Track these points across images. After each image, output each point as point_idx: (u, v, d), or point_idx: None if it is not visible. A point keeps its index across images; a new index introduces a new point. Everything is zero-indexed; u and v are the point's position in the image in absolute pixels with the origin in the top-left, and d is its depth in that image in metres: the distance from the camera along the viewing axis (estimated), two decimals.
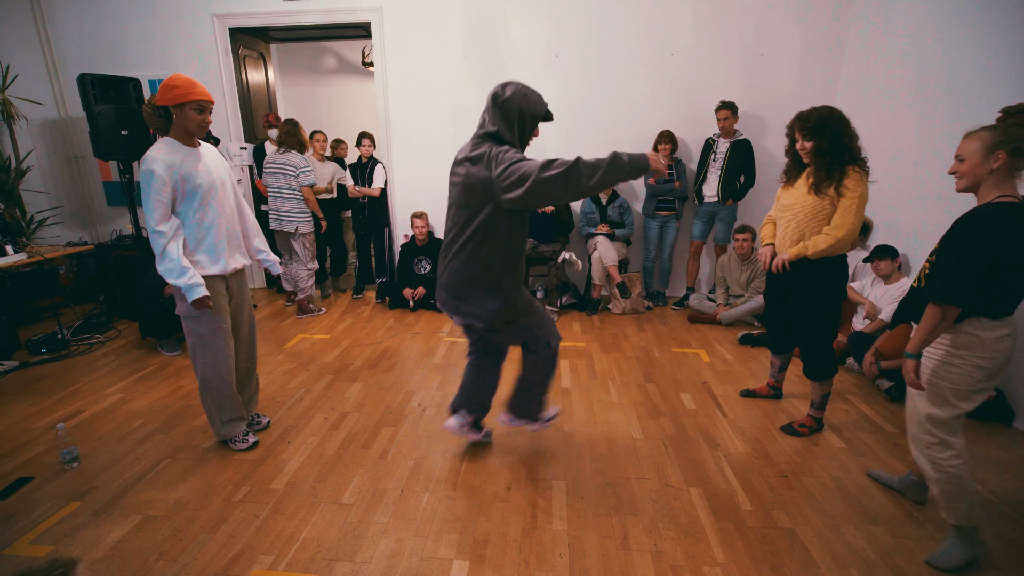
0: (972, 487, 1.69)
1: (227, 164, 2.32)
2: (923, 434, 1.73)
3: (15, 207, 4.47)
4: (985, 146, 1.54)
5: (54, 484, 2.18)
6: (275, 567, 1.74)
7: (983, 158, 1.55)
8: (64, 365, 3.38)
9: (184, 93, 1.99)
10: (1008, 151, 1.51)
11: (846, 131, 2.15)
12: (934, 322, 1.60)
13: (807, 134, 2.19)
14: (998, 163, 1.53)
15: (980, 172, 1.57)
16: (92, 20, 4.55)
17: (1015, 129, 1.53)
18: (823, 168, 2.20)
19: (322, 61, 7.59)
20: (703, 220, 4.30)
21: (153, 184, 1.97)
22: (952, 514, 1.72)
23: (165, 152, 2.01)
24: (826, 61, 4.16)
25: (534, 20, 4.34)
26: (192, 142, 2.12)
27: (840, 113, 2.18)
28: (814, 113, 2.18)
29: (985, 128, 1.58)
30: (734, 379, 3.13)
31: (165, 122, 2.06)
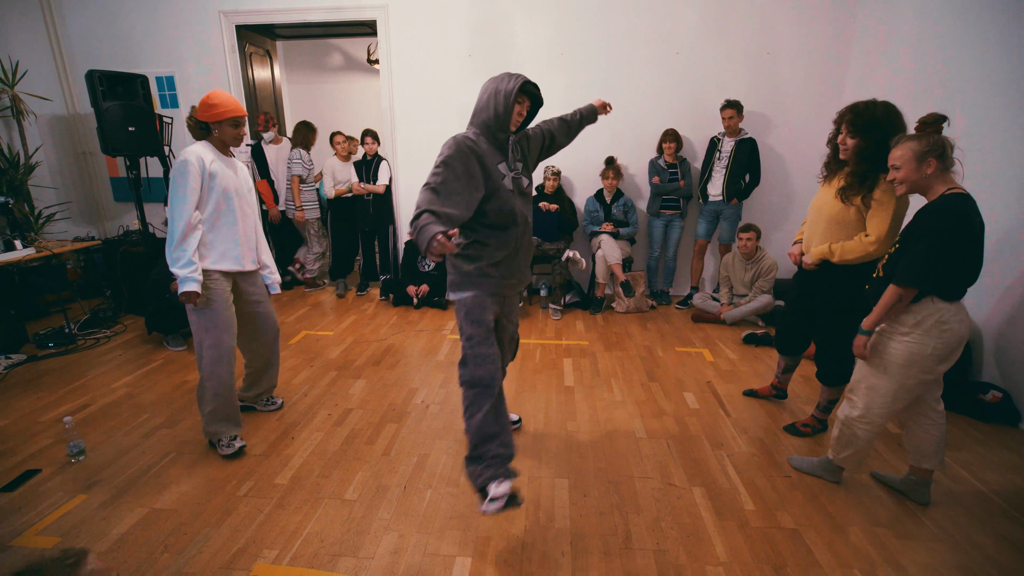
0: (865, 447, 2.01)
1: (251, 182, 2.45)
2: (854, 396, 1.99)
3: (24, 202, 4.52)
4: (915, 155, 1.75)
5: (61, 477, 2.20)
6: (279, 561, 1.75)
7: (917, 165, 1.75)
8: (71, 359, 3.41)
9: (223, 111, 2.19)
10: (936, 157, 1.72)
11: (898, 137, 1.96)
12: (892, 302, 1.79)
13: (854, 131, 2.02)
14: (931, 168, 1.74)
15: (917, 178, 1.76)
16: (101, 17, 4.58)
17: (937, 137, 1.74)
18: (858, 174, 2.04)
19: (328, 59, 7.61)
20: (707, 219, 4.29)
21: (187, 171, 2.11)
22: (834, 453, 2.09)
23: (201, 150, 2.18)
24: (832, 60, 4.13)
25: (539, 18, 4.34)
26: (227, 151, 2.29)
27: (898, 116, 1.99)
28: (870, 109, 1.99)
29: (911, 138, 1.77)
30: (738, 379, 3.12)
31: (205, 133, 2.25)
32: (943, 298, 1.75)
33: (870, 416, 1.94)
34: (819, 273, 2.27)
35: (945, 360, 1.80)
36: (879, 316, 1.83)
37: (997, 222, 2.70)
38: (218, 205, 2.20)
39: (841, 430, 2.03)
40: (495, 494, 1.70)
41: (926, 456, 1.99)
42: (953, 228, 1.68)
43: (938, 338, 1.76)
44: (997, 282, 2.75)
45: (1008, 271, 2.70)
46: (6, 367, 3.25)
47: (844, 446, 2.04)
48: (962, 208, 1.68)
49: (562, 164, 4.53)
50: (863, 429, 1.97)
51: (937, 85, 3.22)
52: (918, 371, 1.82)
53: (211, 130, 2.22)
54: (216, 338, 2.25)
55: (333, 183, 4.57)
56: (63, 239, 4.50)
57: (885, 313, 1.81)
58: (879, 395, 1.90)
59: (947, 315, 1.75)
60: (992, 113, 2.83)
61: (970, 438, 2.51)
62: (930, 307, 1.76)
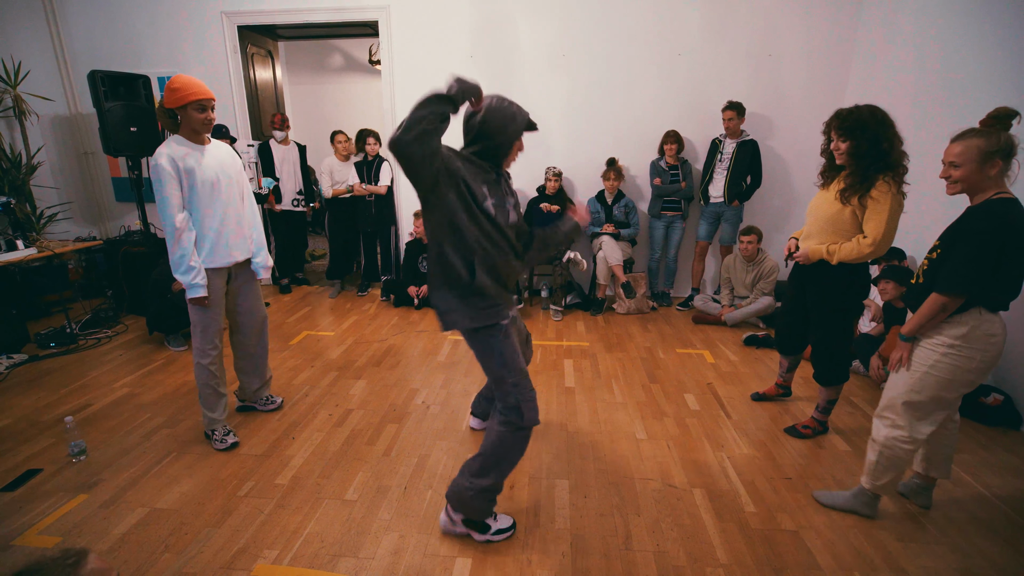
0: (904, 468, 1.86)
1: (238, 162, 2.40)
2: (895, 416, 1.82)
3: (25, 202, 4.52)
4: (981, 153, 1.60)
5: (62, 476, 2.20)
6: (279, 562, 1.75)
7: (980, 166, 1.61)
8: (72, 359, 3.42)
9: (184, 95, 2.09)
10: (1003, 157, 1.59)
11: (887, 135, 2.01)
12: (935, 310, 1.67)
13: (843, 134, 2.07)
14: (995, 169, 1.60)
15: (979, 179, 1.63)
16: (103, 17, 4.59)
17: (1007, 135, 1.60)
18: (857, 173, 2.07)
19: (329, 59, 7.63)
20: (709, 221, 4.29)
21: (162, 177, 2.08)
22: (871, 481, 1.90)
23: (170, 148, 2.12)
24: (834, 62, 4.13)
25: (541, 20, 4.34)
26: (199, 139, 2.20)
27: (883, 115, 2.04)
28: (854, 112, 2.05)
29: (978, 135, 1.62)
30: (739, 380, 3.12)
31: (174, 122, 2.17)
32: (989, 309, 1.65)
33: (914, 434, 1.79)
34: (813, 271, 2.29)
35: (987, 372, 1.71)
36: (919, 325, 1.71)
37: None
38: (200, 199, 2.16)
39: (882, 453, 1.85)
40: (504, 525, 1.85)
41: (935, 465, 1.97)
42: (996, 231, 1.56)
43: (985, 351, 1.66)
44: None
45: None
46: (7, 367, 3.25)
47: (885, 470, 1.86)
48: (1010, 212, 1.57)
49: (563, 165, 4.53)
50: (906, 450, 1.81)
51: (939, 88, 3.22)
52: (960, 384, 1.71)
53: (178, 117, 2.14)
54: (207, 330, 2.31)
55: (331, 183, 4.57)
56: (65, 239, 4.51)
57: (928, 322, 1.69)
58: (921, 411, 1.77)
59: (995, 327, 1.65)
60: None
61: (972, 441, 2.50)
62: (978, 318, 1.65)
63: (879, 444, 1.86)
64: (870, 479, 1.90)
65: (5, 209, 3.75)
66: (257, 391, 2.69)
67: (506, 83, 4.50)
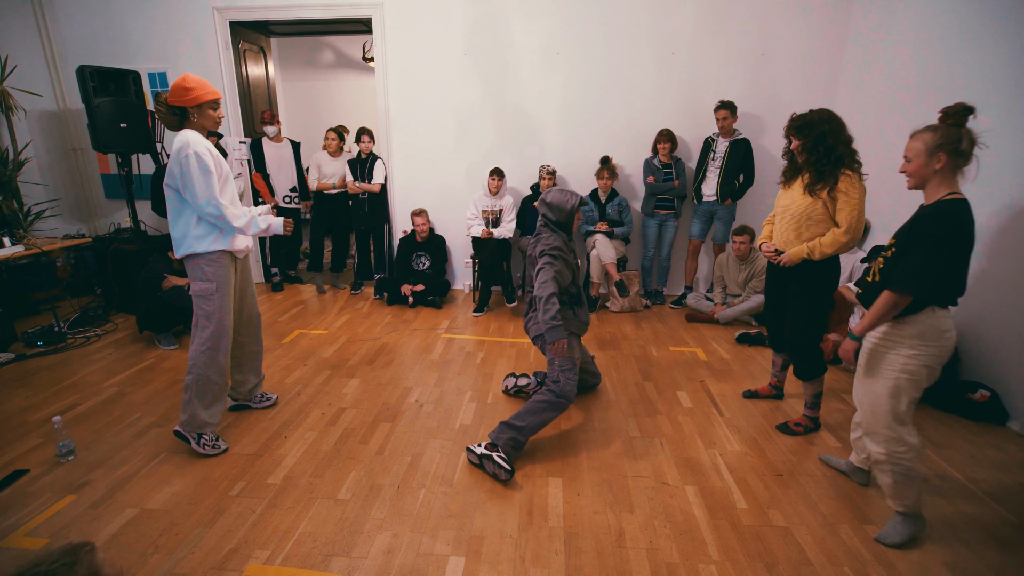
0: (920, 476, 1.82)
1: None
2: (885, 429, 1.80)
3: (12, 199, 4.46)
4: (927, 147, 1.65)
5: (50, 477, 2.18)
6: (271, 562, 1.74)
7: (927, 159, 1.66)
8: (61, 358, 3.38)
9: (202, 94, 2.13)
10: (947, 152, 1.62)
11: (834, 133, 2.17)
12: (887, 307, 1.71)
13: (795, 132, 2.27)
14: (940, 164, 1.64)
15: (925, 172, 1.68)
16: (92, 12, 4.52)
17: (952, 130, 1.62)
18: (812, 168, 2.24)
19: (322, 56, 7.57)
20: (702, 219, 4.31)
21: (203, 161, 2.09)
22: (900, 503, 1.83)
23: (199, 138, 2.15)
24: (827, 61, 4.16)
25: (535, 18, 4.33)
26: (206, 135, 2.24)
27: (832, 116, 2.21)
28: (804, 116, 2.25)
29: (927, 129, 1.67)
30: (731, 378, 3.14)
31: (179, 120, 2.18)
32: (942, 306, 1.70)
33: (907, 440, 1.78)
34: (792, 268, 2.38)
35: (943, 364, 1.76)
36: (872, 322, 1.76)
37: (991, 223, 2.73)
38: (222, 189, 2.22)
39: (894, 475, 1.80)
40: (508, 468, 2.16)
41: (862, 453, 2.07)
42: (951, 237, 1.61)
43: (941, 346, 1.70)
44: (987, 282, 2.78)
45: (998, 271, 2.73)
46: None
47: (906, 488, 1.80)
48: (962, 215, 1.62)
49: (557, 163, 4.53)
50: (910, 457, 1.78)
51: (931, 88, 3.24)
52: (924, 380, 1.74)
53: (189, 115, 2.16)
54: (220, 322, 2.28)
55: (318, 176, 4.55)
56: (53, 236, 4.45)
57: (878, 319, 1.75)
58: (900, 414, 1.77)
59: (947, 322, 1.70)
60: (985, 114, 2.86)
61: (959, 437, 2.53)
62: (931, 316, 1.69)
63: (887, 468, 1.81)
64: (900, 504, 1.83)
65: None
66: (252, 389, 2.68)
67: (500, 81, 4.49)
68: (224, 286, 2.27)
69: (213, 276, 2.24)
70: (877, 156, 3.10)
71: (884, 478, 1.84)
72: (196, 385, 2.29)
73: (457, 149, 4.69)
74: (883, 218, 3.45)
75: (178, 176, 2.11)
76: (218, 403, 2.37)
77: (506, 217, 4.36)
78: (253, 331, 2.59)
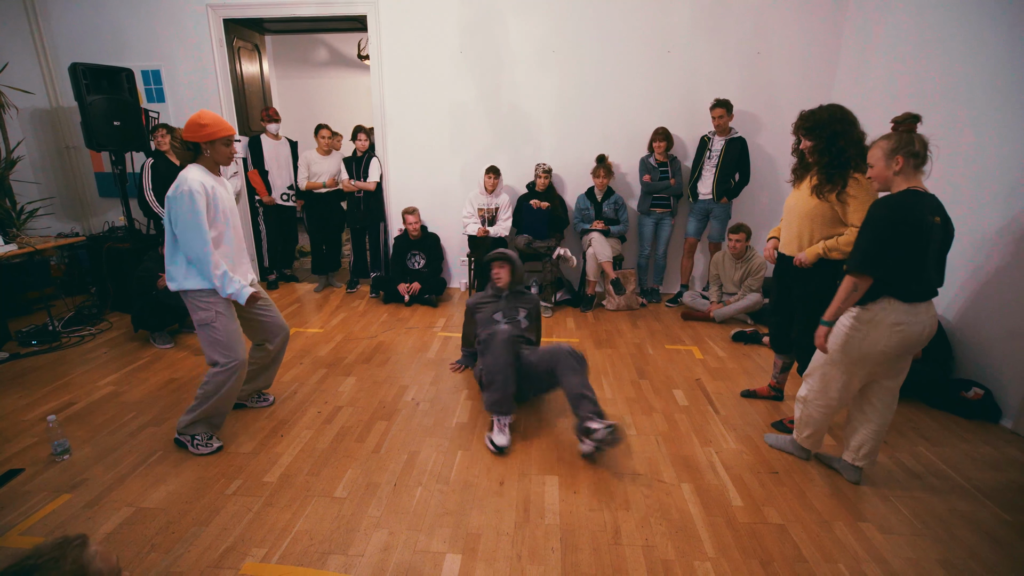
0: (822, 428, 2.18)
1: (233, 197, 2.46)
2: (813, 379, 2.12)
3: (5, 197, 4.42)
4: (884, 153, 1.84)
5: (45, 476, 2.17)
6: (267, 560, 1.74)
7: (886, 163, 1.84)
8: (55, 357, 3.36)
9: (216, 131, 2.16)
10: (903, 155, 1.80)
11: (847, 133, 2.12)
12: (848, 289, 1.87)
13: (805, 133, 2.22)
14: (899, 165, 1.82)
15: (887, 174, 1.85)
16: (85, 9, 4.49)
17: (905, 136, 1.82)
18: (823, 170, 2.19)
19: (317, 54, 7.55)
20: (698, 218, 4.32)
21: (197, 202, 2.09)
22: (797, 434, 2.26)
23: (200, 175, 2.16)
24: (823, 60, 4.17)
25: (531, 16, 4.33)
26: (217, 171, 2.28)
27: (844, 114, 2.15)
28: (816, 112, 2.19)
29: (883, 138, 1.86)
30: (727, 376, 3.15)
31: (193, 155, 2.21)
32: (899, 298, 1.82)
33: (826, 399, 2.09)
34: (795, 268, 2.35)
35: (902, 357, 1.93)
36: (836, 306, 1.92)
37: (986, 221, 2.75)
38: (220, 226, 2.22)
39: (800, 412, 2.20)
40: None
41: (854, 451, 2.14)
42: (886, 217, 1.77)
43: (890, 337, 1.85)
44: (978, 279, 2.80)
45: (990, 268, 2.75)
46: None
47: (804, 426, 2.21)
48: (904, 202, 1.77)
49: (553, 162, 4.53)
50: (819, 411, 2.12)
51: (927, 86, 3.26)
52: (871, 363, 1.93)
53: (202, 150, 2.18)
54: (228, 352, 2.25)
55: (307, 175, 4.54)
56: (46, 235, 4.42)
57: (842, 303, 1.90)
58: (833, 381, 2.04)
59: (903, 316, 1.83)
60: (980, 114, 2.88)
61: (952, 435, 2.55)
62: (886, 307, 1.84)
63: (798, 401, 2.22)
64: (796, 433, 2.26)
65: None
66: (251, 394, 2.69)
67: (495, 79, 4.49)
68: (226, 312, 2.25)
69: (210, 304, 2.21)
70: None
71: (796, 410, 2.24)
72: (205, 405, 2.28)
73: (453, 147, 4.68)
74: None
75: (172, 212, 2.11)
76: (214, 419, 2.36)
77: (502, 215, 4.36)
78: (282, 343, 2.59)
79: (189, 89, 4.62)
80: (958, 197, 2.64)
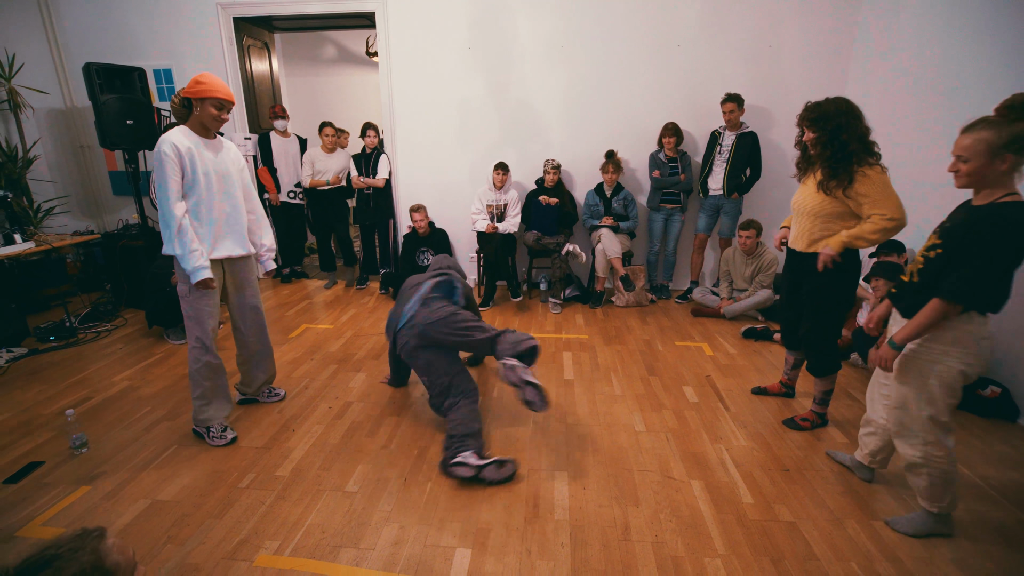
0: (956, 479, 1.79)
1: (242, 160, 2.42)
2: (922, 433, 1.75)
3: (22, 196, 4.50)
4: (990, 148, 1.50)
5: (64, 469, 2.21)
6: (280, 552, 1.76)
7: (989, 160, 1.51)
8: (72, 352, 3.42)
9: (206, 89, 2.14)
10: (1014, 152, 1.48)
11: (851, 127, 2.07)
12: (937, 316, 1.61)
13: (809, 124, 2.18)
14: (1006, 165, 1.50)
15: (986, 173, 1.53)
16: (97, 9, 4.54)
17: (1019, 127, 1.47)
18: (826, 164, 2.15)
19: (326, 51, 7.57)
20: (708, 213, 4.28)
21: (166, 163, 2.08)
22: (935, 504, 1.81)
23: (177, 136, 2.14)
24: (835, 53, 4.11)
25: (539, 11, 4.31)
26: (206, 133, 2.23)
27: (848, 107, 2.11)
28: (821, 104, 2.15)
29: (987, 126, 1.51)
30: (737, 373, 3.13)
31: (187, 112, 2.19)
32: (980, 312, 1.60)
33: (945, 444, 1.74)
34: (805, 263, 2.31)
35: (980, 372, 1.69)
36: (917, 331, 1.64)
37: None
38: (200, 191, 2.17)
39: (931, 479, 1.77)
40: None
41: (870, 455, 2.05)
42: (1010, 243, 1.49)
43: (979, 354, 1.63)
44: None
45: None
46: (8, 360, 3.26)
47: (943, 492, 1.78)
48: (1021, 220, 1.48)
49: (562, 158, 4.52)
50: (949, 461, 1.75)
51: (940, 78, 3.20)
52: (959, 385, 1.68)
53: (192, 108, 2.16)
54: (203, 326, 2.30)
55: (311, 172, 4.56)
56: (62, 233, 4.49)
57: (924, 329, 1.63)
58: (939, 420, 1.72)
59: (985, 329, 1.61)
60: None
61: (968, 433, 2.52)
62: (970, 323, 1.61)
63: (923, 472, 1.77)
64: (935, 504, 1.81)
65: (2, 203, 3.74)
66: (261, 386, 2.71)
67: (504, 75, 4.48)
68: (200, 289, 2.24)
69: (186, 278, 2.22)
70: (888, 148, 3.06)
71: (918, 480, 1.80)
72: (191, 381, 2.36)
73: (461, 144, 4.68)
74: None
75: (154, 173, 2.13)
76: (216, 401, 2.39)
77: (511, 212, 4.36)
78: (256, 330, 2.59)
79: None
80: None
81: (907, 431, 1.78)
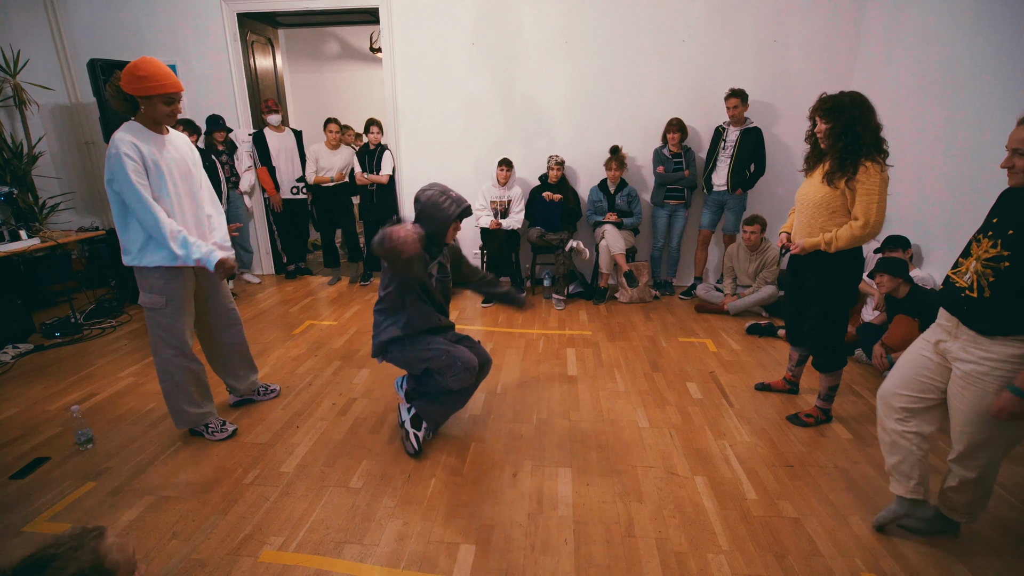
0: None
1: (196, 153, 2.23)
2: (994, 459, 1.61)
3: (28, 192, 4.52)
4: None
5: (70, 464, 2.22)
6: (285, 548, 1.77)
7: None
8: (78, 348, 3.44)
9: (153, 86, 1.90)
10: None
11: (864, 120, 2.08)
12: None
13: (823, 115, 2.18)
14: None
15: None
16: (102, 5, 4.55)
17: None
18: (836, 155, 2.16)
19: (330, 47, 7.55)
20: (712, 209, 4.27)
21: (128, 166, 1.88)
22: (965, 517, 1.73)
23: (132, 135, 1.94)
24: (841, 48, 4.07)
25: (544, 6, 4.28)
26: (159, 129, 2.05)
27: (863, 101, 2.11)
28: (836, 96, 2.15)
29: None
30: (741, 369, 3.12)
31: (130, 106, 1.97)
32: None
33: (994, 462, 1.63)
34: (809, 260, 2.33)
35: None
36: None
37: None
38: (162, 192, 1.99)
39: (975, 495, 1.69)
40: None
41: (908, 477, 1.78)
42: None
43: None
44: None
45: None
46: (14, 356, 3.28)
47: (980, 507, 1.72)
48: None
49: (566, 154, 4.50)
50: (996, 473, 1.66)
51: (945, 74, 3.17)
52: None
53: (138, 105, 1.93)
54: (181, 337, 2.18)
55: (315, 169, 4.56)
56: (67, 229, 4.51)
57: None
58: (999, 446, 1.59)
59: None
60: (1008, 103, 2.80)
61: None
62: None
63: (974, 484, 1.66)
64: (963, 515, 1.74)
65: (7, 199, 3.75)
66: (251, 383, 2.66)
67: (508, 71, 4.46)
68: (177, 299, 2.11)
69: (163, 289, 2.05)
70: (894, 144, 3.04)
71: (959, 497, 1.70)
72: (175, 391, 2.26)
73: (465, 140, 4.67)
74: (900, 210, 3.39)
75: (114, 179, 1.90)
76: (204, 402, 2.34)
77: (515, 208, 4.35)
78: (232, 329, 2.47)
79: (204, 83, 4.66)
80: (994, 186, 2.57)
81: (978, 457, 1.61)
